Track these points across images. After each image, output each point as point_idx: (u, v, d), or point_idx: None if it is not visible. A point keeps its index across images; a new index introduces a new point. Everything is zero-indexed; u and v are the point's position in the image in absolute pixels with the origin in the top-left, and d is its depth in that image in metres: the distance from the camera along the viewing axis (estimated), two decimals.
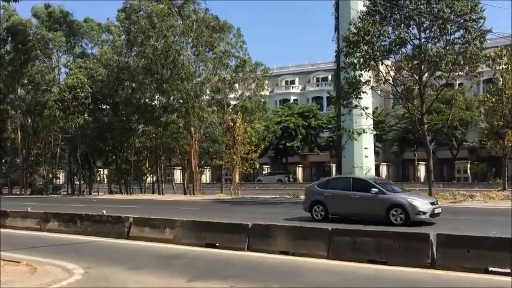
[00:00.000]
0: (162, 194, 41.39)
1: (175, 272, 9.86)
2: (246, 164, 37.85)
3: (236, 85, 44.07)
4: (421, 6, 23.34)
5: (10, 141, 50.48)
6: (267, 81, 46.90)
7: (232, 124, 37.10)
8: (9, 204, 26.12)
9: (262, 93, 45.41)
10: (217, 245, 12.15)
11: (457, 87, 48.86)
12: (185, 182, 42.37)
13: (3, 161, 54.35)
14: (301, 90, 73.78)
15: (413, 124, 32.48)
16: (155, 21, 37.60)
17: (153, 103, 43.35)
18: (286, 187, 47.43)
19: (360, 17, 25.30)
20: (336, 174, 34.35)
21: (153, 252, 12.06)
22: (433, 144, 34.06)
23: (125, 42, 42.36)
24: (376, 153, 48.38)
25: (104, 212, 15.75)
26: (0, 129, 50.89)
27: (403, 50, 25.03)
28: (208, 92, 41.01)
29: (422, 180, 51.12)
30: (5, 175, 54.48)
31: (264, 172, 66.10)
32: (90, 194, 45.75)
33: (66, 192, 48.60)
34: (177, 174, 57.24)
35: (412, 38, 24.50)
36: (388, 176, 60.11)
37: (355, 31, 24.99)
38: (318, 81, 72.99)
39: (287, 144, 61.00)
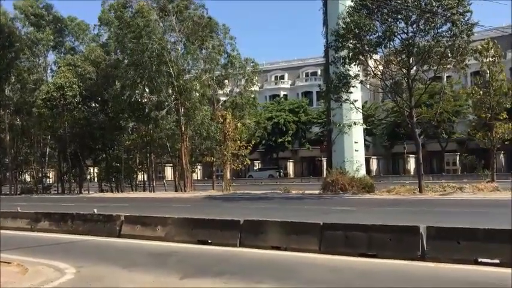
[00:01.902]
0: (153, 192, 41.28)
1: (168, 269, 9.86)
2: (237, 160, 37.86)
3: (226, 81, 44.00)
4: (409, 0, 23.47)
5: None
6: (256, 77, 46.82)
7: (222, 120, 37.09)
8: None
9: (252, 88, 45.37)
10: (209, 241, 12.17)
11: (445, 80, 49.22)
12: (176, 179, 42.30)
13: None
14: (290, 85, 73.83)
15: (402, 118, 32.66)
16: (137, 18, 37.40)
17: (143, 100, 43.17)
18: (278, 182, 47.47)
19: (348, 12, 25.40)
20: (326, 169, 34.40)
21: (145, 250, 12.05)
22: (422, 137, 34.29)
23: (114, 39, 41.85)
24: (367, 147, 48.60)
25: (95, 210, 15.70)
26: None
27: (392, 44, 25.19)
28: (198, 88, 40.84)
29: (412, 173, 51.46)
30: None
31: (255, 168, 66.17)
32: (80, 192, 45.51)
33: (57, 192, 48.25)
34: (168, 172, 57.08)
35: (400, 32, 24.65)
36: (379, 170, 60.52)
37: (343, 25, 25.10)
38: (308, 76, 73.08)
39: (278, 139, 61.11)
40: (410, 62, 25.49)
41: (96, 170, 54.18)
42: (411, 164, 56.25)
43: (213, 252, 11.37)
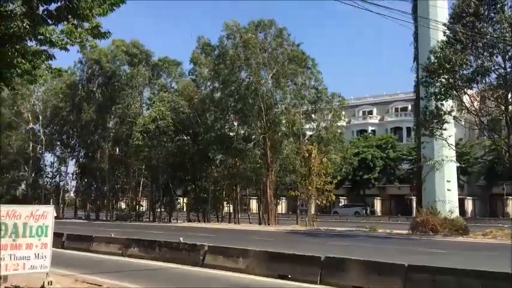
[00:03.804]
0: (238, 223, 41.87)
1: None
2: (322, 196, 37.44)
3: (312, 115, 44.17)
4: (506, 34, 22.33)
5: (99, 170, 53.64)
6: (343, 112, 46.52)
7: (307, 155, 37.06)
8: (95, 229, 27.66)
9: (339, 123, 45.10)
10: (289, 276, 12.06)
11: None
12: (260, 212, 42.65)
13: (92, 188, 57.88)
14: (379, 120, 72.29)
15: (501, 156, 30.67)
16: (241, 51, 39.02)
17: (232, 133, 44.49)
18: (364, 220, 46.23)
19: (440, 46, 24.69)
20: (416, 208, 32.94)
21: (226, 281, 12.23)
22: None
23: (211, 73, 43.65)
24: (461, 186, 45.94)
25: (181, 239, 16.18)
26: (91, 158, 54.45)
27: (487, 79, 23.99)
28: (284, 122, 41.46)
29: (511, 216, 47.77)
30: (93, 201, 57.98)
31: (340, 204, 64.95)
32: (170, 221, 47.30)
33: (148, 219, 50.53)
34: (253, 204, 57.70)
35: (496, 67, 23.43)
36: (474, 211, 56.78)
37: (435, 60, 24.40)
38: (397, 111, 71.17)
39: (364, 176, 59.72)
40: (509, 98, 24.05)
41: (185, 200, 56.21)
42: (511, 207, 52.18)
43: None
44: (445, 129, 26.09)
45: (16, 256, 9.27)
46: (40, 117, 54.48)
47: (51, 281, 9.66)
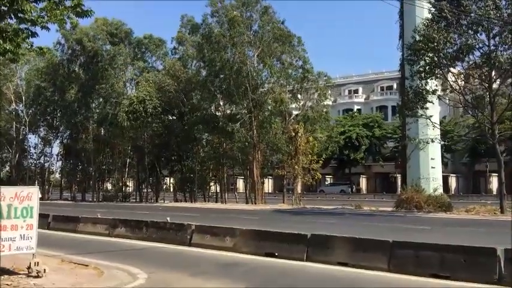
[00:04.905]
0: (225, 203, 42.03)
1: (235, 279, 10.01)
2: (308, 175, 37.65)
3: (299, 95, 44.09)
4: (491, 12, 22.38)
5: (84, 151, 53.13)
6: (329, 91, 46.49)
7: (294, 134, 37.12)
8: (81, 210, 27.56)
9: (325, 102, 45.09)
10: (276, 254, 12.19)
11: None
12: (247, 191, 42.81)
13: (78, 169, 57.46)
14: (365, 99, 72.51)
15: (484, 134, 31.05)
16: (226, 28, 38.55)
17: (218, 113, 44.27)
18: (349, 198, 46.71)
19: (424, 24, 24.70)
20: (401, 186, 33.37)
21: (214, 260, 12.31)
22: (504, 154, 32.29)
23: (195, 52, 43.19)
24: (445, 164, 46.56)
25: (168, 219, 16.23)
26: (75, 140, 53.91)
27: (471, 57, 24.12)
28: (270, 101, 41.33)
29: (494, 192, 48.61)
30: (79, 182, 57.64)
31: (326, 182, 65.44)
32: (156, 201, 47.28)
33: (135, 200, 50.44)
34: (240, 183, 57.88)
35: (480, 44, 23.54)
36: (458, 188, 57.68)
37: (419, 38, 24.42)
38: (383, 90, 71.41)
39: (350, 154, 60.09)
40: (492, 75, 24.23)
41: (171, 180, 56.15)
42: (494, 184, 53.14)
43: (279, 265, 11.38)
44: (427, 108, 26.25)
45: (1, 237, 9.20)
46: (23, 98, 53.59)
47: (37, 262, 9.64)
